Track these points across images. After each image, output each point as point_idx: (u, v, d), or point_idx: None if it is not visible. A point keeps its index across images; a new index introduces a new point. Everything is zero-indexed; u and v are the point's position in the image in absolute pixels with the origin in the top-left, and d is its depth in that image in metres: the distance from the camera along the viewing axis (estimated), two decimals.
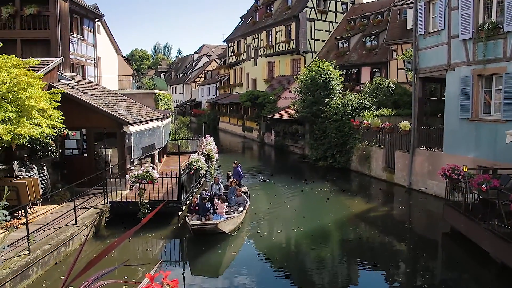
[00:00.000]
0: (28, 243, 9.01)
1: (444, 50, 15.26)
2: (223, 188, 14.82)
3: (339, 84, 24.63)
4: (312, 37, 35.95)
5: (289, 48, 36.42)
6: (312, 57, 34.22)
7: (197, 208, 12.28)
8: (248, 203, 13.84)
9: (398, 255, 11.53)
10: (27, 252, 8.92)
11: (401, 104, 22.37)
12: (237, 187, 14.43)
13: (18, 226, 10.27)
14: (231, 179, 15.28)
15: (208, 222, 11.45)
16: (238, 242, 11.78)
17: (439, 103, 19.49)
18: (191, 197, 14.94)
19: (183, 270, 10.48)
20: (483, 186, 10.25)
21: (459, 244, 11.53)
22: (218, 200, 12.64)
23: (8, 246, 8.67)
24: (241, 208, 13.04)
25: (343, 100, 23.20)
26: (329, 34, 36.46)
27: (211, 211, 12.20)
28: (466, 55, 14.21)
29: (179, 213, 13.32)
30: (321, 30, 36.30)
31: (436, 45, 15.82)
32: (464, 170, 11.39)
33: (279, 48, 37.94)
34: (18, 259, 8.51)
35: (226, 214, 12.47)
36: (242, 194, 13.77)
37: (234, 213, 12.76)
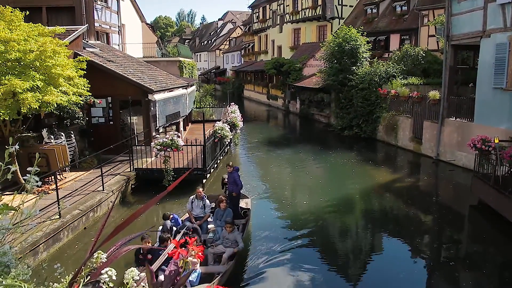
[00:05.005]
0: (59, 208, 9.32)
1: (480, 15, 14.50)
2: (209, 204, 9.91)
3: (366, 52, 24.01)
4: (340, 3, 34.78)
5: (315, 14, 35.44)
6: (339, 24, 33.21)
7: (149, 256, 7.28)
8: (241, 245, 8.20)
9: (424, 227, 11.40)
10: (58, 216, 9.25)
11: (431, 73, 21.66)
12: (228, 210, 9.43)
13: (49, 192, 10.60)
14: (221, 197, 9.73)
15: None
16: (254, 221, 11.84)
17: (471, 71, 18.76)
18: (215, 165, 15.03)
19: None
20: None
21: (487, 218, 11.31)
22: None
23: (39, 210, 8.98)
24: (227, 253, 8.07)
25: (371, 68, 22.65)
26: None
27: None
28: (503, 20, 13.46)
29: (204, 180, 13.46)
30: None
31: (471, 10, 15.04)
32: (496, 141, 11.10)
33: (305, 14, 36.96)
34: (49, 223, 8.84)
35: (202, 265, 7.62)
36: (236, 229, 8.64)
37: (217, 261, 8.17)
